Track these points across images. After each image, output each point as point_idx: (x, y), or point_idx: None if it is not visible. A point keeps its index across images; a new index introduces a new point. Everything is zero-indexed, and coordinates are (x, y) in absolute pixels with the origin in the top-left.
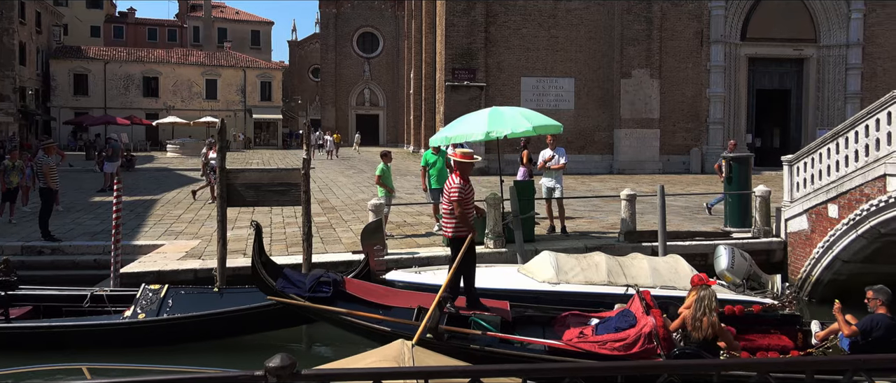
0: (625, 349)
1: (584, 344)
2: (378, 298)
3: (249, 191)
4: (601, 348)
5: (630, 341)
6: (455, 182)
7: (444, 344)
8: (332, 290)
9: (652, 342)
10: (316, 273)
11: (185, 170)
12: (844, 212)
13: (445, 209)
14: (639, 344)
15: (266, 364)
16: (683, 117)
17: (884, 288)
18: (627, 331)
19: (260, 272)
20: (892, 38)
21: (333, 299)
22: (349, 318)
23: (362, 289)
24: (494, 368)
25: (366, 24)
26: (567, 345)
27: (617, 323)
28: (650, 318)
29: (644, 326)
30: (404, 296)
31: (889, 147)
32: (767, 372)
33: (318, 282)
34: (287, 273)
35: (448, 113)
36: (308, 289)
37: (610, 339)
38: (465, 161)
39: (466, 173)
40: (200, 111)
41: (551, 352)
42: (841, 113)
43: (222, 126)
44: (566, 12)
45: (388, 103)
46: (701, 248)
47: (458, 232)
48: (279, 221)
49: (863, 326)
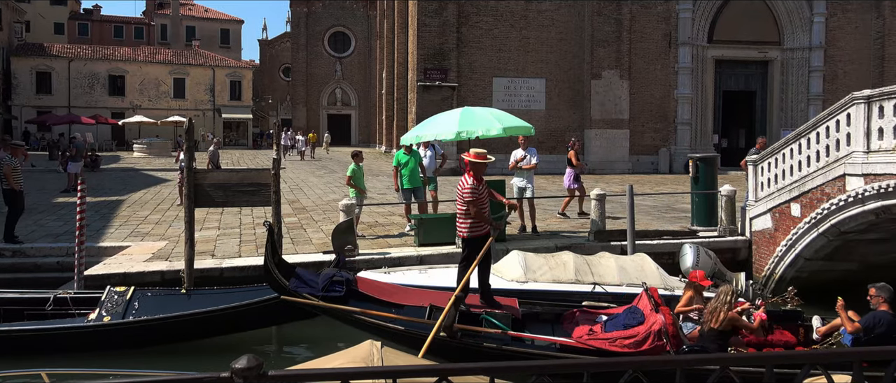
0: (635, 346)
1: (595, 341)
2: (390, 297)
3: (218, 192)
4: (611, 345)
5: (640, 338)
6: (468, 182)
7: (458, 342)
8: (344, 289)
9: (661, 339)
10: (328, 272)
11: (153, 170)
12: (806, 211)
13: (460, 210)
14: (649, 342)
15: (232, 365)
16: (652, 118)
17: (886, 285)
18: (636, 329)
19: (273, 272)
20: (853, 41)
21: (346, 298)
22: (363, 318)
23: (374, 288)
24: (463, 367)
25: (337, 24)
26: (578, 343)
27: (625, 320)
28: (660, 316)
29: (653, 324)
30: (415, 295)
31: (848, 148)
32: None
33: (330, 282)
34: (299, 272)
35: (420, 113)
36: (321, 289)
37: (620, 337)
38: (478, 161)
39: (480, 173)
40: (168, 110)
41: (563, 350)
42: (804, 114)
43: (190, 126)
44: (537, 13)
45: (360, 103)
46: (669, 247)
47: (473, 232)
48: (249, 222)
49: (866, 323)
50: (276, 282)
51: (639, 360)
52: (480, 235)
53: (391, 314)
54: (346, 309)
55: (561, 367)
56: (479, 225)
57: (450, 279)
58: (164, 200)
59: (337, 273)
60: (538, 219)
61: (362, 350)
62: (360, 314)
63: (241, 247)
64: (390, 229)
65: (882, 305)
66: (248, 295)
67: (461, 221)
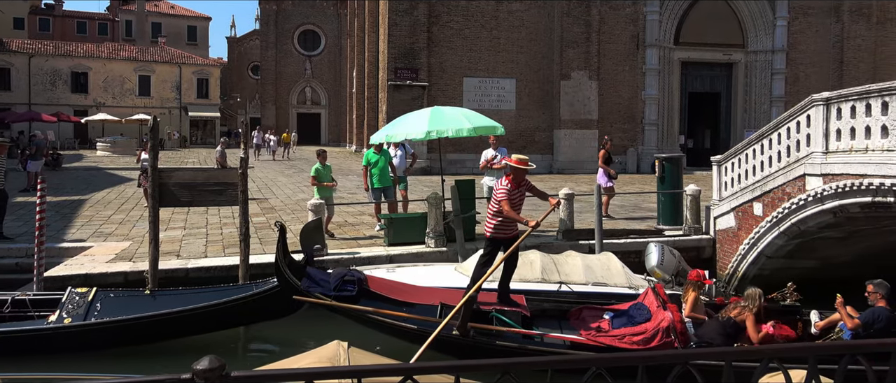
0: (644, 343)
1: (604, 338)
2: (400, 295)
3: (183, 191)
4: (620, 342)
5: (649, 335)
6: (504, 184)
7: (470, 340)
8: (356, 289)
9: (670, 335)
10: (340, 271)
11: (117, 169)
12: (768, 210)
13: (491, 209)
14: (658, 338)
15: (193, 366)
16: (620, 118)
17: (883, 282)
18: (645, 325)
19: (284, 271)
20: (813, 44)
21: (358, 298)
22: (376, 317)
23: (385, 287)
24: (429, 366)
25: (307, 22)
26: (588, 340)
27: (632, 317)
28: (668, 313)
29: (662, 320)
30: (425, 294)
31: (808, 148)
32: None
33: (342, 281)
34: (311, 272)
35: (391, 112)
36: (333, 288)
37: (628, 333)
38: (519, 166)
39: (520, 178)
40: (133, 108)
41: (573, 347)
42: (766, 115)
43: (155, 124)
44: (508, 14)
45: (330, 102)
46: (635, 246)
47: (498, 233)
48: (216, 222)
49: (865, 319)
50: (287, 281)
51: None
52: (503, 237)
53: (403, 313)
54: (359, 309)
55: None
56: (504, 227)
57: (416, 278)
58: (128, 200)
59: (348, 272)
60: None
61: (329, 350)
62: (372, 313)
63: (207, 247)
64: (360, 229)
65: (880, 301)
66: (215, 296)
67: (489, 220)
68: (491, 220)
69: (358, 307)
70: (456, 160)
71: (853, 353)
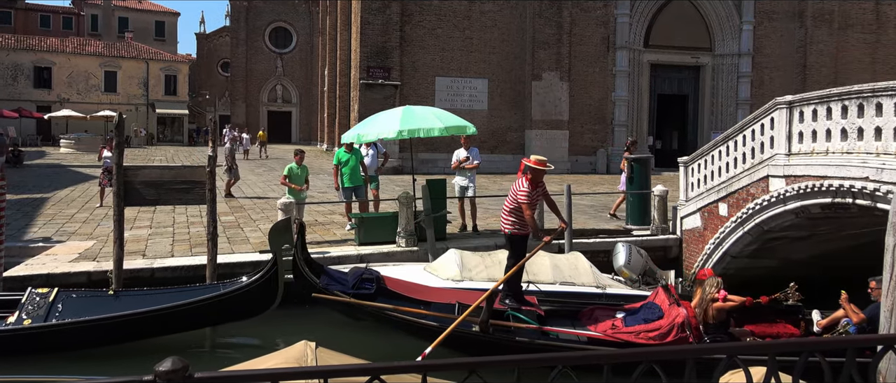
0: (660, 338)
1: (621, 334)
2: (416, 294)
3: (150, 190)
4: (637, 338)
5: (664, 331)
6: (524, 185)
7: (490, 337)
8: (375, 287)
9: (685, 331)
10: (357, 269)
11: (81, 166)
12: (733, 211)
13: (507, 207)
14: (673, 334)
15: (155, 368)
16: (591, 119)
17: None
18: (659, 322)
19: (303, 270)
20: (778, 49)
21: (375, 295)
22: (396, 315)
23: (400, 286)
24: (396, 365)
25: (279, 19)
26: (605, 336)
27: (644, 316)
28: (682, 309)
29: (676, 317)
30: (440, 293)
31: (771, 150)
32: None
33: (360, 279)
34: (328, 270)
35: (362, 111)
36: (351, 287)
37: (643, 330)
38: (538, 167)
39: (538, 179)
40: (98, 104)
41: (590, 343)
42: (732, 118)
43: (120, 121)
44: (480, 14)
45: (302, 100)
46: (604, 245)
47: (517, 230)
48: (183, 221)
49: (869, 313)
50: (306, 279)
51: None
52: (523, 234)
53: (422, 310)
54: (379, 306)
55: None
56: (523, 224)
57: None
58: (93, 198)
59: (365, 270)
60: (479, 218)
61: (296, 350)
62: (392, 311)
63: (174, 246)
64: (330, 228)
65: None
66: (181, 296)
67: (506, 217)
68: (507, 217)
69: (378, 304)
70: (428, 159)
71: (811, 350)
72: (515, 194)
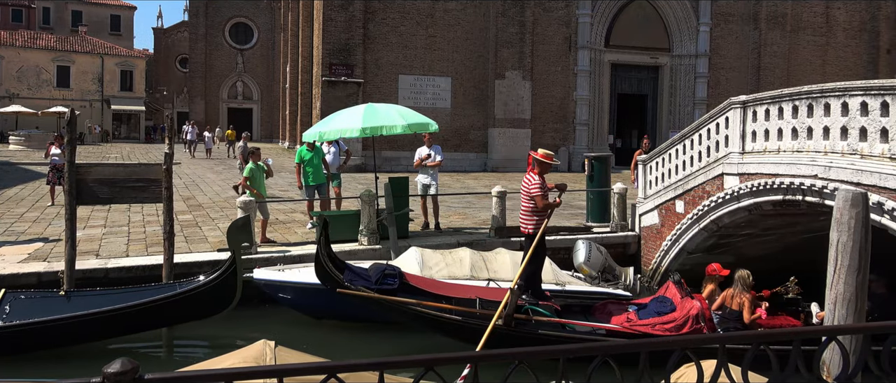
0: (676, 329)
1: (638, 327)
2: (438, 289)
3: (103, 188)
4: (653, 330)
5: (680, 322)
6: (534, 179)
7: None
8: (397, 282)
9: (700, 322)
10: (379, 265)
11: (31, 164)
12: (689, 208)
13: (526, 206)
14: (688, 325)
15: (104, 369)
16: (553, 118)
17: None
18: (673, 314)
19: (326, 265)
20: (733, 50)
21: (398, 291)
22: (420, 309)
23: (421, 282)
24: (352, 364)
25: (239, 15)
26: (624, 328)
27: (657, 309)
28: (696, 302)
29: (691, 308)
30: (459, 288)
31: (726, 149)
32: (648, 350)
33: (383, 275)
34: (351, 266)
35: (325, 108)
36: (375, 282)
37: (659, 322)
38: (545, 161)
39: (545, 172)
40: (50, 100)
41: (609, 335)
42: (690, 117)
43: (72, 117)
44: (444, 13)
45: (263, 97)
46: (565, 242)
47: (538, 228)
48: (139, 220)
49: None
50: (329, 275)
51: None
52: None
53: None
54: (403, 301)
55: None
56: (540, 221)
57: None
58: (43, 196)
59: (386, 266)
60: (442, 216)
61: (255, 349)
62: (416, 305)
63: (129, 245)
64: (291, 227)
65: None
66: (135, 296)
67: (527, 217)
68: (529, 218)
69: (402, 299)
70: (391, 158)
71: (760, 342)
72: (528, 190)
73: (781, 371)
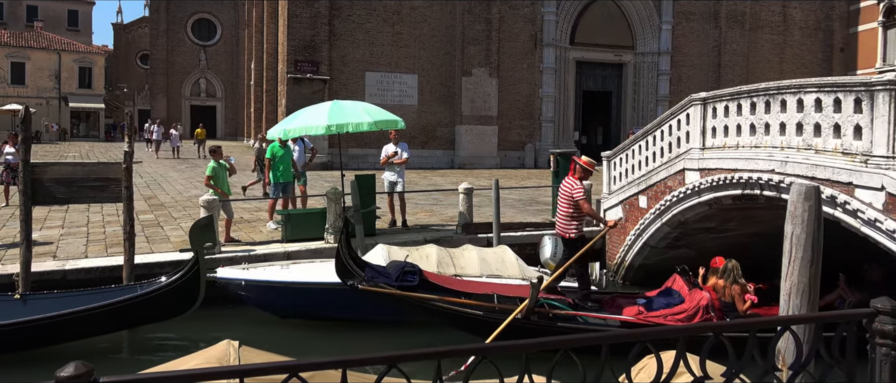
0: (687, 320)
1: (651, 318)
2: (455, 286)
3: (60, 188)
4: (665, 320)
5: (690, 312)
6: (577, 184)
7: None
8: (417, 279)
9: (709, 313)
10: (397, 263)
11: None
12: (652, 203)
13: (567, 211)
14: (699, 315)
15: (57, 373)
16: (519, 115)
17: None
18: (683, 305)
19: (347, 263)
20: (694, 48)
21: (418, 287)
22: (442, 305)
23: (439, 279)
24: (313, 362)
25: (202, 10)
26: (637, 319)
27: (666, 301)
28: (704, 293)
29: (701, 299)
30: (477, 285)
31: (687, 144)
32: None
33: (403, 272)
34: (370, 264)
35: (290, 106)
36: (395, 279)
37: (669, 313)
38: (588, 168)
39: (586, 178)
40: (4, 98)
41: (624, 326)
42: (653, 113)
43: (26, 114)
44: (410, 9)
45: (227, 94)
46: (531, 238)
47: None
48: (98, 220)
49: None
50: (351, 273)
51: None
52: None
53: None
54: (425, 298)
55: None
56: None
57: (314, 274)
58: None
59: (405, 264)
60: (408, 213)
61: (218, 350)
62: (437, 301)
63: (88, 246)
64: (256, 225)
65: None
66: (95, 298)
67: (567, 222)
68: (570, 223)
69: (424, 295)
70: (358, 155)
71: (718, 332)
72: (571, 194)
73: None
